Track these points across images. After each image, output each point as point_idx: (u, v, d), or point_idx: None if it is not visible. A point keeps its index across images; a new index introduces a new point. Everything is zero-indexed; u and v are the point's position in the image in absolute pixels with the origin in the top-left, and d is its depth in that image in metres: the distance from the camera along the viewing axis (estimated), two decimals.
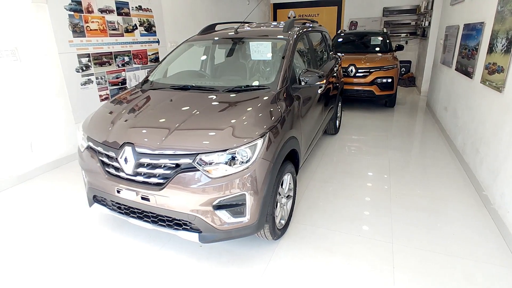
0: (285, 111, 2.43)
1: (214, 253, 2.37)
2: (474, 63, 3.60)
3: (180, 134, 2.05)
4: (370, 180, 3.46)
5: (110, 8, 4.42)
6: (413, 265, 2.22)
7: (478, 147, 3.26)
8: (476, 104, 3.47)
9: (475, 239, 2.47)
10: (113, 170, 2.18)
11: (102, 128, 2.31)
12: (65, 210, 2.96)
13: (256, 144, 2.00)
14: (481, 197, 3.01)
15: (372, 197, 3.11)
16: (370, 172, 3.63)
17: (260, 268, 2.21)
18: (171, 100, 2.51)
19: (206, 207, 1.96)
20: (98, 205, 2.43)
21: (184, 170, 1.96)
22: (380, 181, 3.42)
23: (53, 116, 3.83)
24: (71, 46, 3.93)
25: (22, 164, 3.54)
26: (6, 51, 3.27)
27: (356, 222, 2.71)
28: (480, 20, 3.53)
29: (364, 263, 2.25)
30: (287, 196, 2.55)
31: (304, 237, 2.54)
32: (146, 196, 2.06)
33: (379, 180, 3.45)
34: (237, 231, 2.05)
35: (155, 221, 2.18)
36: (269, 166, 2.06)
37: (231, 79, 3.04)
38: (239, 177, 1.94)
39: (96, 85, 4.33)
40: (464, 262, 2.23)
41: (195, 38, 3.45)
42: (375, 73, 5.86)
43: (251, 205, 2.00)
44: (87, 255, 2.38)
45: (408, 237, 2.51)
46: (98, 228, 2.69)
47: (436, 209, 2.87)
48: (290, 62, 2.76)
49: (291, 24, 3.23)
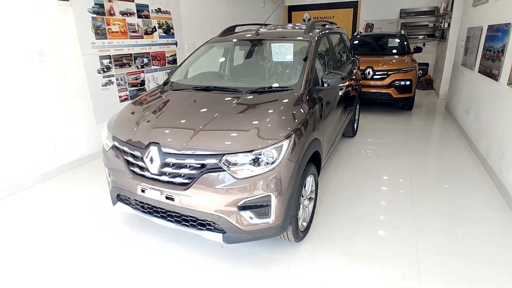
0: (309, 113, 2.42)
1: (235, 255, 2.36)
2: (500, 65, 3.50)
3: (206, 134, 2.06)
4: (389, 184, 3.40)
5: (131, 10, 4.50)
6: (439, 270, 2.16)
7: (504, 151, 3.16)
8: (502, 107, 3.37)
9: (502, 245, 2.40)
10: (138, 170, 2.20)
11: (127, 128, 2.34)
12: (87, 208, 3.01)
13: (282, 146, 1.99)
14: (508, 203, 2.92)
15: (393, 201, 3.05)
16: (390, 176, 3.57)
17: (283, 271, 2.20)
18: (195, 101, 2.53)
19: (231, 208, 1.96)
20: (121, 204, 2.46)
21: (210, 171, 1.96)
22: (400, 185, 3.35)
23: (75, 116, 3.91)
24: (93, 48, 4.01)
25: (46, 163, 3.62)
26: (33, 52, 3.36)
27: (377, 226, 2.67)
28: (507, 21, 3.44)
29: (389, 267, 2.20)
30: (309, 198, 2.53)
31: (326, 240, 2.51)
32: (171, 196, 2.07)
33: (399, 184, 3.39)
34: (261, 232, 2.04)
35: (179, 221, 2.19)
36: (294, 167, 2.05)
37: (253, 80, 3.04)
38: (265, 178, 1.94)
39: (116, 86, 4.41)
40: (492, 268, 2.16)
41: (216, 40, 3.47)
42: (393, 75, 5.78)
43: (275, 206, 1.99)
44: (108, 254, 2.41)
45: (432, 242, 2.45)
46: (120, 227, 2.73)
47: (461, 215, 2.80)
48: (313, 63, 2.75)
49: (312, 26, 3.22)
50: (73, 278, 2.17)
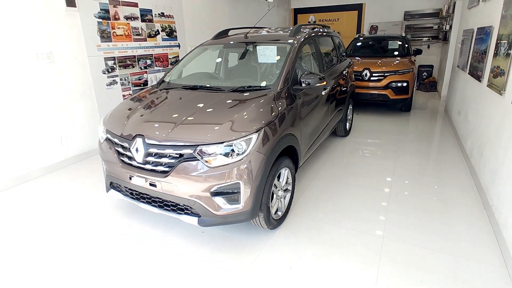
0: (284, 109, 2.61)
1: (215, 240, 2.58)
2: (483, 67, 3.60)
3: (184, 127, 2.30)
4: (373, 181, 3.54)
5: (135, 15, 4.81)
6: (401, 259, 2.31)
7: (483, 150, 3.26)
8: (483, 108, 3.47)
9: (470, 239, 2.52)
10: (126, 159, 2.46)
11: (118, 122, 2.60)
12: (86, 197, 3.30)
13: (251, 138, 2.20)
14: (482, 199, 3.02)
15: (371, 197, 3.20)
16: (375, 174, 3.71)
17: (254, 254, 2.40)
18: (180, 98, 2.77)
19: (204, 193, 2.18)
20: (113, 191, 2.72)
21: (186, 160, 2.19)
22: (383, 182, 3.49)
23: (81, 113, 4.24)
24: (98, 50, 4.33)
25: (53, 155, 3.95)
26: (43, 54, 3.69)
27: (353, 218, 2.83)
28: (489, 24, 3.54)
29: (353, 255, 2.37)
30: (284, 190, 2.72)
31: (300, 229, 2.69)
32: (154, 183, 2.31)
33: (382, 181, 3.53)
34: (232, 216, 2.25)
35: (161, 206, 2.43)
36: (263, 158, 2.25)
37: (238, 80, 3.26)
38: (235, 167, 2.15)
39: (120, 86, 4.72)
40: (453, 259, 2.30)
41: (209, 43, 3.71)
42: (390, 77, 5.88)
43: (244, 193, 2.20)
44: (100, 237, 2.67)
45: (400, 233, 2.59)
46: (112, 213, 2.99)
47: (436, 210, 2.92)
48: (293, 64, 2.94)
49: (297, 29, 3.42)
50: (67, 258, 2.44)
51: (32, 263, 2.37)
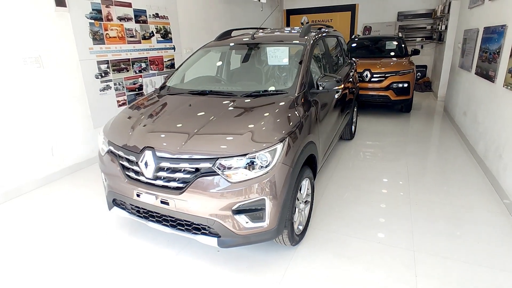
0: (303, 116, 2.42)
1: (232, 259, 2.35)
2: (496, 67, 3.51)
3: (200, 138, 2.07)
4: (387, 186, 3.39)
5: (129, 16, 4.53)
6: (436, 273, 2.15)
7: (502, 152, 3.16)
8: (499, 108, 3.37)
9: (499, 247, 2.38)
10: (133, 174, 2.20)
11: (122, 133, 2.35)
12: (84, 213, 3.01)
13: (276, 149, 2.00)
14: (506, 204, 2.91)
15: (390, 203, 3.04)
16: (388, 178, 3.56)
17: (278, 275, 2.19)
18: (190, 105, 2.53)
19: (225, 212, 1.96)
20: (117, 208, 2.46)
21: (204, 175, 1.96)
22: (398, 188, 3.35)
23: (73, 121, 3.93)
24: (91, 53, 4.03)
25: (43, 167, 3.63)
26: (30, 58, 3.38)
27: (375, 228, 2.66)
28: (502, 23, 3.45)
29: (385, 271, 2.19)
30: (305, 202, 2.53)
31: (322, 243, 2.50)
32: (166, 200, 2.07)
33: (396, 186, 3.38)
34: (256, 236, 2.04)
35: (174, 225, 2.19)
36: (289, 171, 2.05)
37: (248, 84, 3.05)
38: (259, 181, 1.94)
39: (114, 91, 4.42)
40: (489, 271, 2.15)
41: (212, 44, 3.48)
42: (391, 78, 5.79)
43: (270, 210, 1.98)
44: (104, 259, 2.40)
45: (430, 245, 2.44)
46: (116, 232, 2.72)
47: (458, 217, 2.79)
48: (308, 67, 2.76)
49: (307, 29, 3.24)
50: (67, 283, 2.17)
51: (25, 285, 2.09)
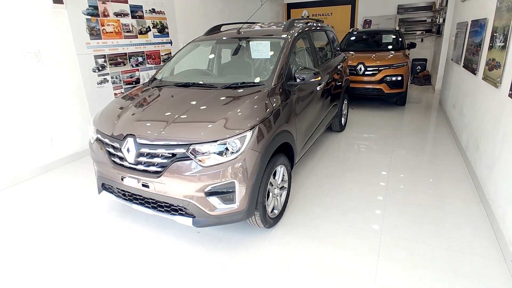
0: (279, 106, 2.56)
1: (211, 240, 2.53)
2: (478, 60, 3.58)
3: (176, 126, 2.23)
4: (370, 175, 3.51)
5: (125, 11, 4.70)
6: (399, 255, 2.29)
7: (479, 144, 3.25)
8: (479, 101, 3.45)
9: (468, 233, 2.50)
10: (118, 160, 2.39)
11: (109, 122, 2.53)
12: (79, 198, 3.23)
13: (246, 136, 2.15)
14: (479, 193, 3.01)
15: (368, 191, 3.17)
16: (371, 168, 3.68)
17: (252, 254, 2.35)
18: (172, 96, 2.70)
19: (198, 193, 2.13)
20: (106, 192, 2.65)
21: (179, 159, 2.13)
22: (379, 177, 3.47)
23: (71, 113, 4.14)
24: (88, 48, 4.22)
25: (43, 156, 3.86)
26: (30, 53, 3.59)
27: (349, 213, 2.80)
28: (484, 16, 3.51)
29: (351, 252, 2.34)
30: (280, 187, 2.68)
31: (297, 226, 2.66)
32: (146, 183, 2.25)
33: (378, 175, 3.50)
34: (227, 216, 2.21)
35: (155, 207, 2.37)
36: (258, 156, 2.20)
37: (231, 77, 3.20)
38: (229, 166, 2.10)
39: (112, 84, 4.62)
40: (452, 254, 2.28)
41: (201, 39, 3.63)
42: (384, 71, 5.85)
43: (240, 193, 2.15)
44: (93, 240, 2.61)
45: (398, 229, 2.57)
46: (106, 215, 2.93)
47: (432, 205, 2.90)
48: (287, 59, 2.89)
49: (290, 24, 3.36)
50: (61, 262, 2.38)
51: (26, 267, 2.30)
